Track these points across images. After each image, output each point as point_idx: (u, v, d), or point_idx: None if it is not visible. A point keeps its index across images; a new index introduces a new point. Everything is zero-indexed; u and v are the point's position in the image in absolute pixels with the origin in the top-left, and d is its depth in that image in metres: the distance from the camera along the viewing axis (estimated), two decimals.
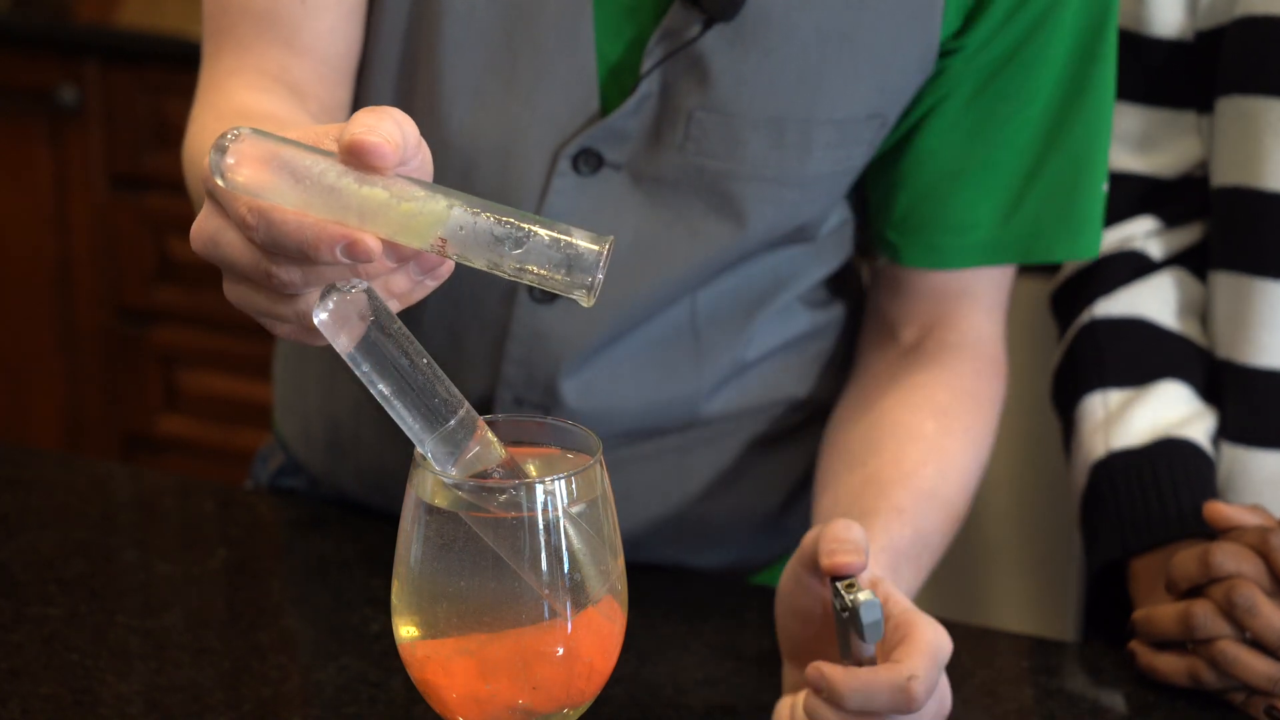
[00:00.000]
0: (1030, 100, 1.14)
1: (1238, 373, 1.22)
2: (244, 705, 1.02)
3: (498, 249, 0.79)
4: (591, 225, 1.13)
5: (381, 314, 0.80)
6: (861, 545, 0.98)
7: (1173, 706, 1.07)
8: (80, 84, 2.59)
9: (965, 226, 1.17)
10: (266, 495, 1.35)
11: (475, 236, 0.79)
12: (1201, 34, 1.25)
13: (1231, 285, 1.23)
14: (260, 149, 0.79)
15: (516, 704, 0.83)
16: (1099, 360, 1.26)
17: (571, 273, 0.79)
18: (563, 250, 0.79)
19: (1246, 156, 1.21)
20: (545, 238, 0.79)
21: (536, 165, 1.13)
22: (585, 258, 0.79)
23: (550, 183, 1.13)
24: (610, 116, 1.11)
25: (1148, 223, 1.29)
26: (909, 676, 0.93)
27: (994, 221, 1.17)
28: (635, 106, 1.11)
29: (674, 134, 1.12)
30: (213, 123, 1.06)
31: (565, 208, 1.13)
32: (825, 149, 1.13)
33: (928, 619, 0.97)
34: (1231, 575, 1.05)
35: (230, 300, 0.85)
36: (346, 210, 0.79)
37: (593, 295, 0.80)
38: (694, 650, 1.11)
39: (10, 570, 1.17)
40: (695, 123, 1.11)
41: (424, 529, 0.82)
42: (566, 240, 0.79)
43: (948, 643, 0.96)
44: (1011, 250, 1.18)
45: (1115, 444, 1.22)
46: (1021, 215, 1.17)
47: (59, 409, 2.76)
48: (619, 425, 1.20)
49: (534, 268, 0.79)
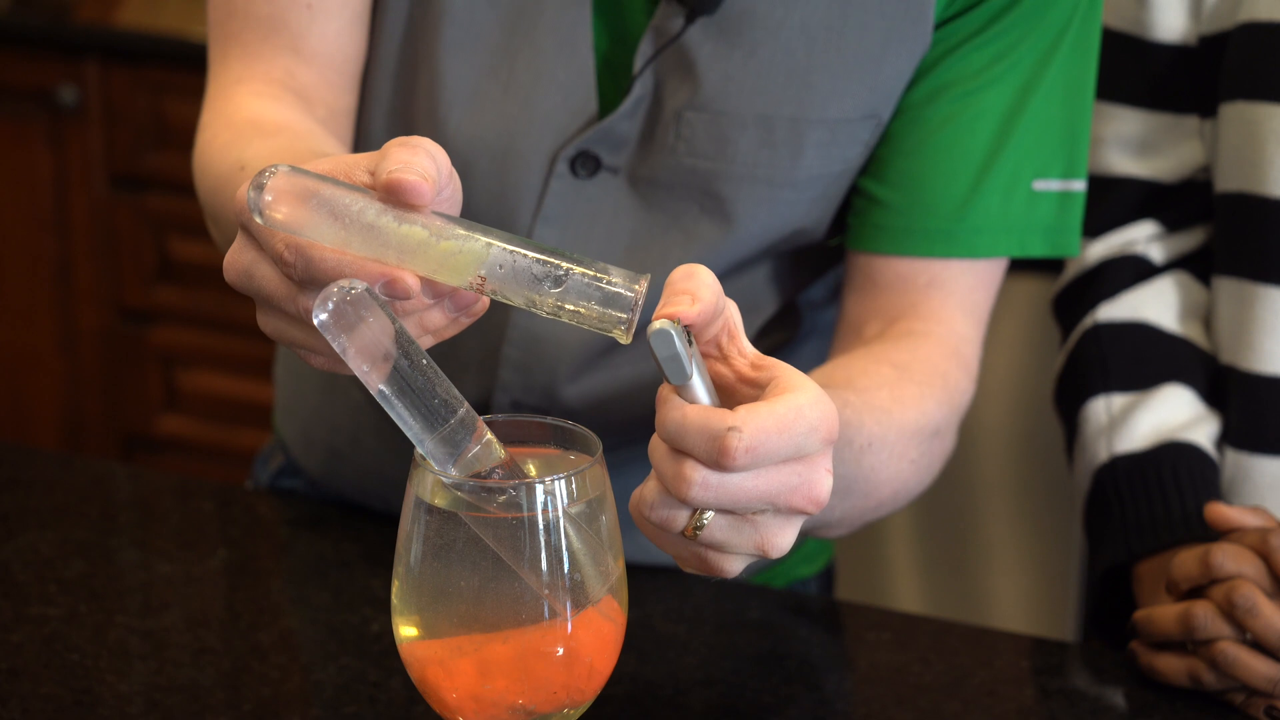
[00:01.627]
0: (992, 88, 1.13)
1: (1241, 379, 1.22)
2: (244, 705, 1.02)
3: (537, 287, 0.80)
4: (587, 228, 1.14)
5: (381, 313, 0.80)
6: (698, 291, 0.81)
7: (1173, 707, 1.07)
8: (80, 84, 2.59)
9: (919, 213, 1.14)
10: (266, 495, 1.35)
11: (515, 275, 0.80)
12: (1205, 39, 1.25)
13: (1235, 291, 1.23)
14: (297, 186, 0.79)
15: (516, 704, 0.83)
16: (1102, 364, 1.26)
17: (608, 310, 0.80)
18: (601, 289, 0.80)
19: (1250, 163, 1.21)
20: (583, 277, 0.80)
21: (534, 167, 1.13)
22: (623, 297, 0.80)
23: (548, 185, 1.13)
24: (607, 119, 1.12)
25: (1149, 227, 1.29)
26: (729, 427, 0.78)
27: (948, 213, 1.14)
28: (631, 108, 1.11)
29: (666, 135, 1.12)
30: (224, 132, 1.07)
31: (562, 210, 1.14)
32: (817, 149, 1.13)
33: (809, 388, 0.80)
34: (1232, 576, 1.05)
35: (264, 330, 0.86)
36: (385, 248, 0.79)
37: (629, 334, 0.80)
38: (694, 650, 1.11)
39: (10, 570, 1.17)
40: (685, 123, 1.12)
41: (424, 529, 0.82)
42: (605, 279, 0.80)
43: (819, 416, 0.80)
44: (964, 243, 1.15)
45: (1119, 448, 1.22)
46: (977, 208, 1.14)
47: (59, 409, 2.76)
48: (619, 428, 1.20)
49: (571, 305, 0.80)
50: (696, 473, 0.79)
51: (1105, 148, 1.30)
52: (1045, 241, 1.16)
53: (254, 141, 1.04)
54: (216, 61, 1.16)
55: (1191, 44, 1.26)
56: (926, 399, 1.09)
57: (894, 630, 1.16)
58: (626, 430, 1.21)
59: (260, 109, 1.10)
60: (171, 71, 2.53)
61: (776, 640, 1.13)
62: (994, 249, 1.15)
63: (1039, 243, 1.16)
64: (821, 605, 1.21)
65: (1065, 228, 1.16)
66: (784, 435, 0.79)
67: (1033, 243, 1.16)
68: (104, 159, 2.63)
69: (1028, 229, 1.15)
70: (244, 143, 1.04)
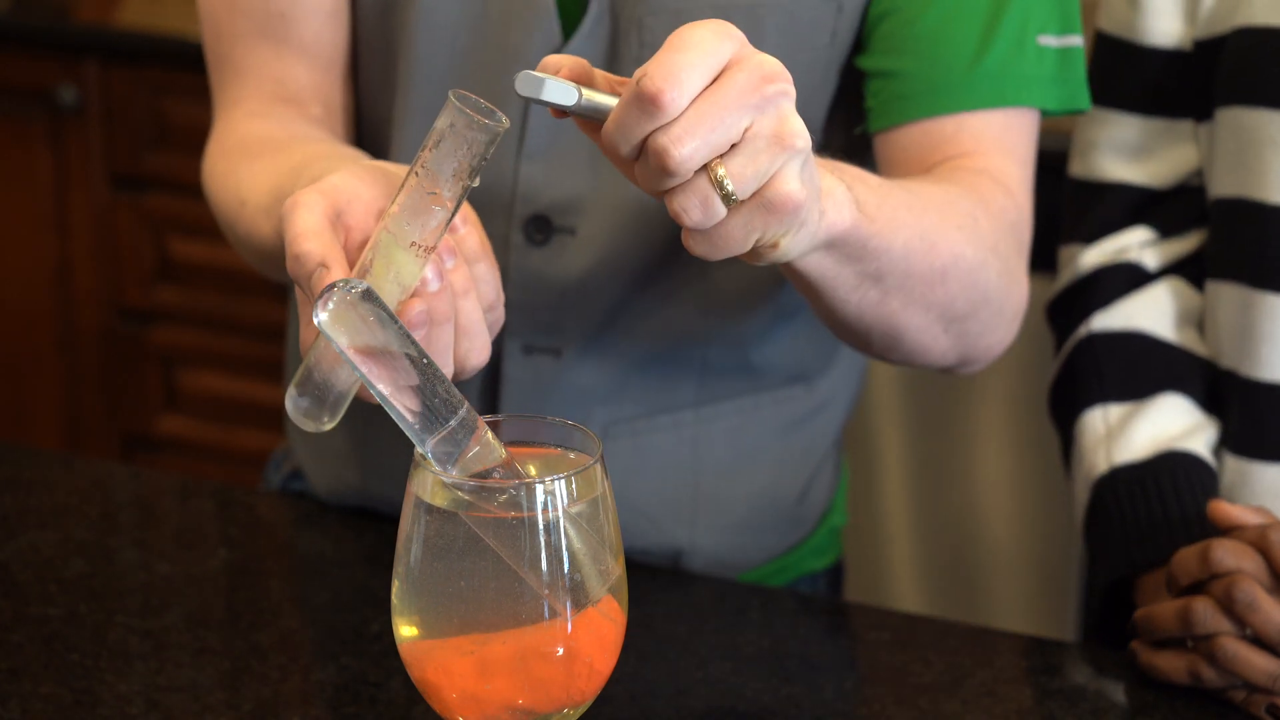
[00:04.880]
0: None
1: (1240, 385, 1.22)
2: (244, 705, 1.02)
3: (433, 184, 0.87)
4: (571, 159, 1.17)
5: (381, 313, 0.81)
6: (565, 61, 0.85)
7: (1173, 706, 1.07)
8: (80, 84, 2.59)
9: (937, 71, 1.14)
10: (266, 495, 1.35)
11: (416, 209, 0.87)
12: (1200, 43, 1.24)
13: (1234, 297, 1.22)
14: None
15: (516, 704, 0.83)
16: (1098, 374, 1.26)
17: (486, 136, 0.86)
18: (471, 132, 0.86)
19: (1247, 169, 1.20)
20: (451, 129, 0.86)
21: (512, 108, 1.15)
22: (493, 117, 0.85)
23: (526, 122, 1.15)
24: (570, 41, 1.13)
25: (1142, 233, 1.28)
26: (636, 80, 0.80)
27: (963, 66, 1.14)
28: (591, 28, 1.13)
29: (629, 46, 1.13)
30: (221, 161, 1.17)
31: (543, 144, 1.15)
32: (779, 34, 1.13)
33: (694, 24, 0.83)
34: (1231, 571, 1.05)
35: None
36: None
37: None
38: (694, 650, 1.11)
39: (10, 570, 1.17)
40: (646, 29, 1.13)
41: (424, 529, 0.82)
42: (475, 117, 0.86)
43: (704, 24, 0.82)
44: (985, 92, 1.14)
45: (1117, 459, 1.21)
46: (990, 59, 1.14)
47: (59, 409, 2.76)
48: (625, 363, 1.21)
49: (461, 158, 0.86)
50: (660, 137, 0.81)
51: (1099, 152, 1.30)
52: (1058, 94, 1.16)
53: (240, 166, 1.13)
54: (215, 86, 1.23)
55: (1186, 48, 1.25)
56: (949, 190, 1.08)
57: (894, 630, 1.16)
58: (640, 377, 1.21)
59: (248, 130, 1.17)
60: (171, 71, 2.53)
61: (776, 640, 1.13)
62: (1015, 97, 1.15)
63: (1053, 94, 1.16)
64: (821, 605, 1.21)
65: (1072, 81, 1.17)
66: (684, 51, 0.80)
67: (1047, 94, 1.16)
68: (104, 159, 2.63)
69: (1040, 80, 1.15)
70: (236, 172, 1.13)
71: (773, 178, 0.84)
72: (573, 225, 1.17)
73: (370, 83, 1.22)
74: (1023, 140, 1.17)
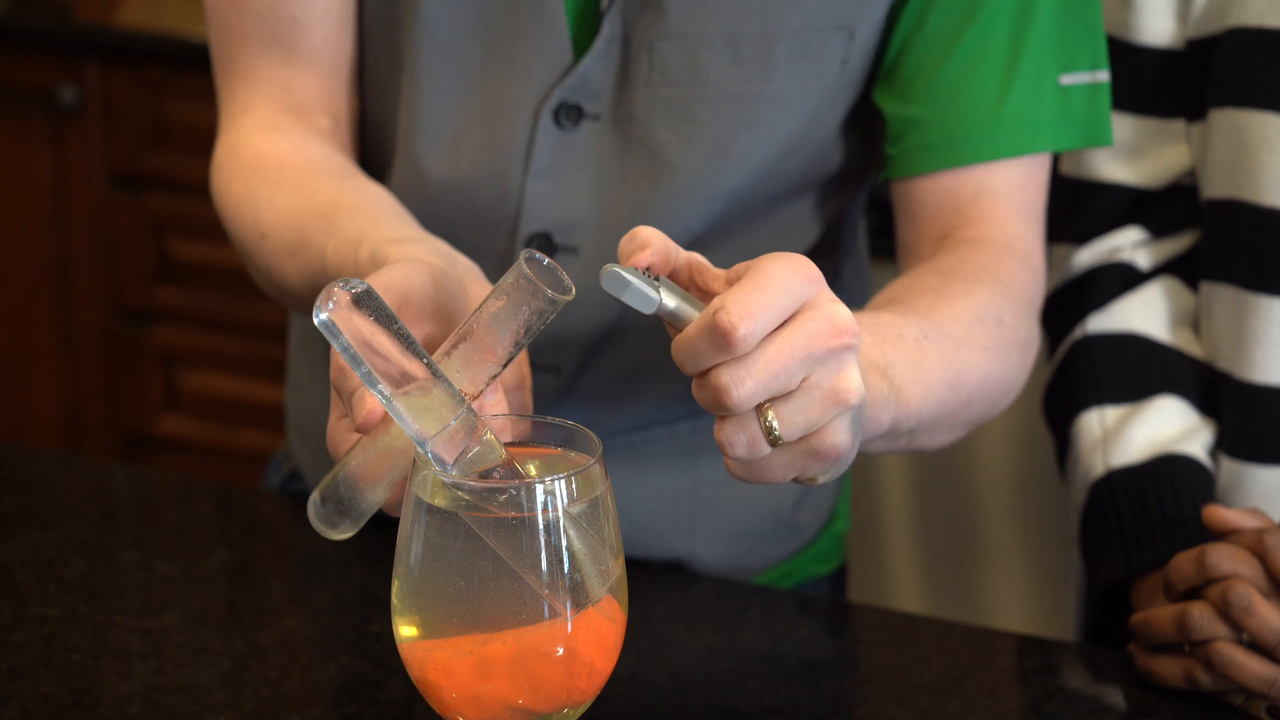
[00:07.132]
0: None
1: (1236, 387, 1.22)
2: (244, 705, 1.02)
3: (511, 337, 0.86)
4: (577, 179, 1.16)
5: (382, 314, 0.81)
6: (638, 237, 0.85)
7: (1172, 707, 1.07)
8: (80, 84, 2.59)
9: (954, 122, 1.15)
10: (266, 495, 1.35)
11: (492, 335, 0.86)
12: (1192, 43, 1.24)
13: (1228, 299, 1.22)
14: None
15: (516, 704, 0.83)
16: (1093, 377, 1.25)
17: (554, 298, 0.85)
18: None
19: (1241, 170, 1.20)
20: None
21: (520, 124, 1.15)
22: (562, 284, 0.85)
23: (534, 140, 1.15)
24: (581, 62, 1.13)
25: (1135, 233, 1.28)
26: (714, 311, 0.81)
27: (983, 117, 1.14)
28: (603, 49, 1.13)
29: (640, 70, 1.13)
30: (235, 178, 1.16)
31: (550, 163, 1.15)
32: (789, 61, 1.13)
33: (771, 254, 0.84)
34: (1228, 576, 1.05)
35: None
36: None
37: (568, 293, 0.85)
38: (694, 650, 1.11)
39: (10, 570, 1.17)
40: (657, 53, 1.13)
41: (424, 529, 0.82)
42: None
43: (788, 261, 0.82)
44: (1004, 143, 1.15)
45: (1114, 462, 1.21)
46: (1009, 108, 1.14)
47: (59, 409, 2.76)
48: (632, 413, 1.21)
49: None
50: (724, 374, 0.82)
51: (1090, 152, 1.29)
52: (1079, 134, 1.17)
53: (259, 192, 1.13)
54: (222, 89, 1.22)
55: (1179, 48, 1.25)
56: (975, 291, 1.09)
57: (894, 630, 1.16)
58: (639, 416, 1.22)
59: (262, 147, 1.16)
60: (171, 71, 2.53)
61: (776, 640, 1.13)
62: (1033, 145, 1.15)
63: (1074, 135, 1.17)
64: (821, 605, 1.21)
65: (1096, 119, 1.17)
66: (764, 289, 0.81)
67: (1068, 136, 1.16)
68: (104, 159, 2.63)
69: (1061, 123, 1.16)
70: (255, 198, 1.13)
71: (822, 429, 0.85)
72: (576, 245, 1.17)
73: (376, 90, 1.21)
74: (1038, 193, 1.18)
